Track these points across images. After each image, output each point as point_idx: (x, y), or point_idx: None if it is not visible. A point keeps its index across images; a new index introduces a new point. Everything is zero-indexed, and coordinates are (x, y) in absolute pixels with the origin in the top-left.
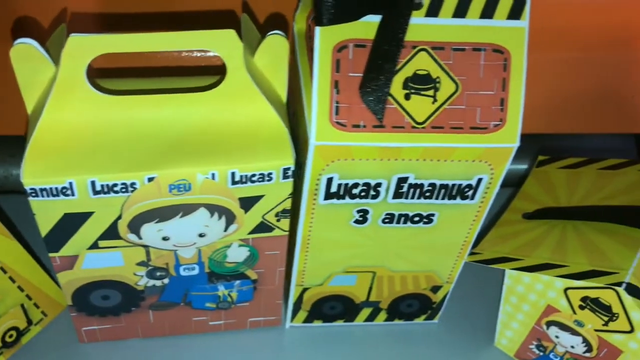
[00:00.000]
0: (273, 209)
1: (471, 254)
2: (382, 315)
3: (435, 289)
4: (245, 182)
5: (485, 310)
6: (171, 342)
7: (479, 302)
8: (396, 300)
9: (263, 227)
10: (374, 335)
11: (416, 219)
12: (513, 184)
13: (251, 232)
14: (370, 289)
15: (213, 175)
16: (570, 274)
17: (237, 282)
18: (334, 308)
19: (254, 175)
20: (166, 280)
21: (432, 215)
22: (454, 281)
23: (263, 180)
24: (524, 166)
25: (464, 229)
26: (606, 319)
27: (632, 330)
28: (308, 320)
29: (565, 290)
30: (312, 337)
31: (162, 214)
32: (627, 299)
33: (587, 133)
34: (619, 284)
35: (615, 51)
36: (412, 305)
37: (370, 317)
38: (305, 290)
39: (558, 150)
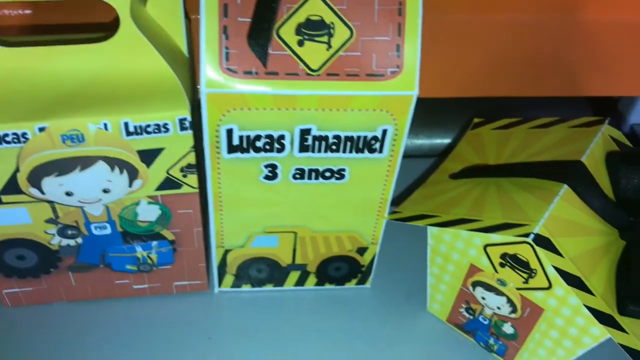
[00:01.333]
0: (177, 163)
1: (391, 213)
2: (312, 279)
3: (362, 250)
4: (141, 134)
5: (418, 276)
6: (97, 306)
7: (412, 267)
8: (323, 263)
9: (170, 183)
10: (305, 300)
11: (327, 174)
12: None
13: (158, 189)
14: (295, 251)
15: (105, 125)
16: (482, 228)
17: (155, 243)
18: (261, 271)
19: (148, 126)
20: (80, 240)
21: (343, 170)
22: (379, 242)
23: (159, 132)
24: None
25: (378, 185)
26: (525, 276)
27: (549, 287)
28: (236, 284)
29: (485, 247)
30: (241, 302)
31: (60, 166)
32: (541, 254)
33: (524, 97)
34: (527, 235)
35: (554, 14)
36: (340, 269)
37: (300, 281)
38: (227, 252)
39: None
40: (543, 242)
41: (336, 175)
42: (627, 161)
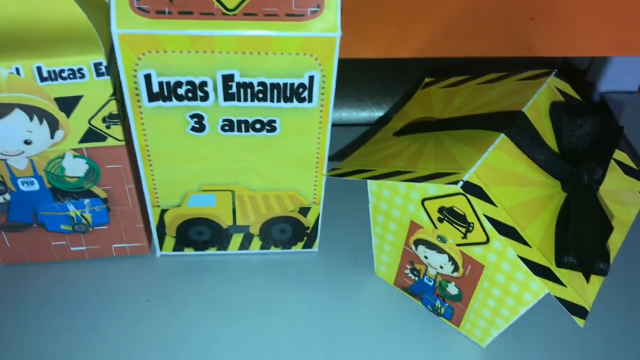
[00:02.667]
0: (98, 112)
1: (331, 170)
2: (256, 242)
3: (304, 211)
4: (56, 79)
5: (365, 240)
6: (35, 269)
7: (359, 231)
8: (266, 224)
9: (93, 134)
10: (251, 265)
11: (257, 125)
12: None
13: (82, 141)
14: (234, 211)
15: (17, 70)
16: (414, 178)
17: (87, 201)
18: (202, 234)
19: (62, 71)
20: (8, 197)
21: (274, 121)
22: (321, 202)
23: (75, 77)
24: None
25: (312, 139)
26: (463, 230)
27: (487, 241)
28: (178, 247)
29: (423, 202)
30: (185, 266)
31: None
32: (474, 203)
33: (480, 57)
34: (456, 183)
35: None
36: (285, 231)
37: (245, 245)
38: (164, 212)
39: None
40: (474, 190)
41: (267, 128)
42: (570, 112)
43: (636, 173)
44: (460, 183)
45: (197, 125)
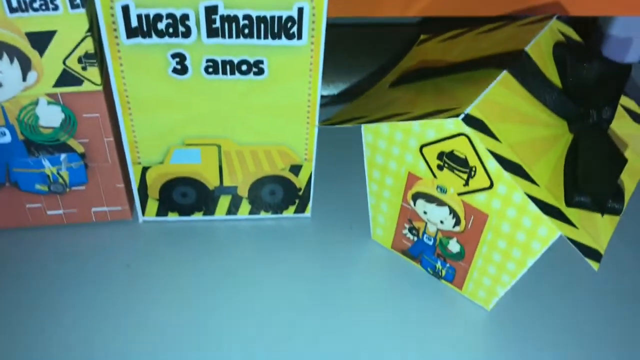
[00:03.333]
0: (73, 51)
1: (322, 121)
2: (245, 206)
3: (295, 169)
4: (27, 10)
5: (361, 204)
6: (11, 235)
7: (354, 196)
8: (255, 185)
9: (69, 77)
10: (241, 231)
11: (244, 67)
12: None
13: (57, 85)
14: (221, 169)
15: None
16: (412, 117)
17: (63, 156)
18: (187, 195)
19: (34, 1)
20: None
21: (261, 62)
22: (313, 159)
23: (47, 9)
24: None
25: (302, 83)
26: (465, 176)
27: (491, 185)
28: (162, 212)
29: (421, 149)
30: (169, 233)
31: None
32: (475, 139)
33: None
34: (457, 116)
35: None
36: (275, 193)
37: (233, 209)
38: (145, 170)
39: None
40: (476, 124)
41: (254, 70)
42: (575, 52)
43: None
44: (462, 116)
45: (179, 67)
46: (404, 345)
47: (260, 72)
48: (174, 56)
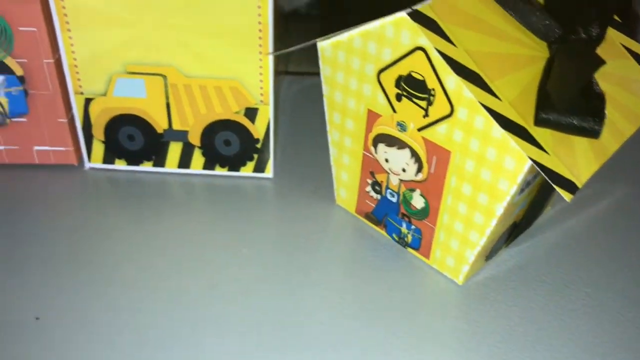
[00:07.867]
0: None
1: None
2: (198, 157)
3: (251, 114)
4: None
5: (325, 169)
6: None
7: (319, 161)
8: (208, 131)
9: None
10: (195, 188)
11: None
12: None
13: None
14: (168, 107)
15: None
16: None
17: (2, 78)
18: (134, 139)
19: None
20: None
21: None
22: (270, 103)
23: None
24: None
25: (250, 4)
26: (424, 104)
27: (451, 112)
28: (108, 158)
29: (378, 75)
30: (117, 184)
31: None
32: (437, 60)
33: None
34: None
35: None
36: (231, 143)
37: (185, 161)
38: (89, 102)
39: None
40: (426, 22)
41: None
42: None
43: None
44: (408, 10)
45: None
46: (369, 322)
47: None
48: None
